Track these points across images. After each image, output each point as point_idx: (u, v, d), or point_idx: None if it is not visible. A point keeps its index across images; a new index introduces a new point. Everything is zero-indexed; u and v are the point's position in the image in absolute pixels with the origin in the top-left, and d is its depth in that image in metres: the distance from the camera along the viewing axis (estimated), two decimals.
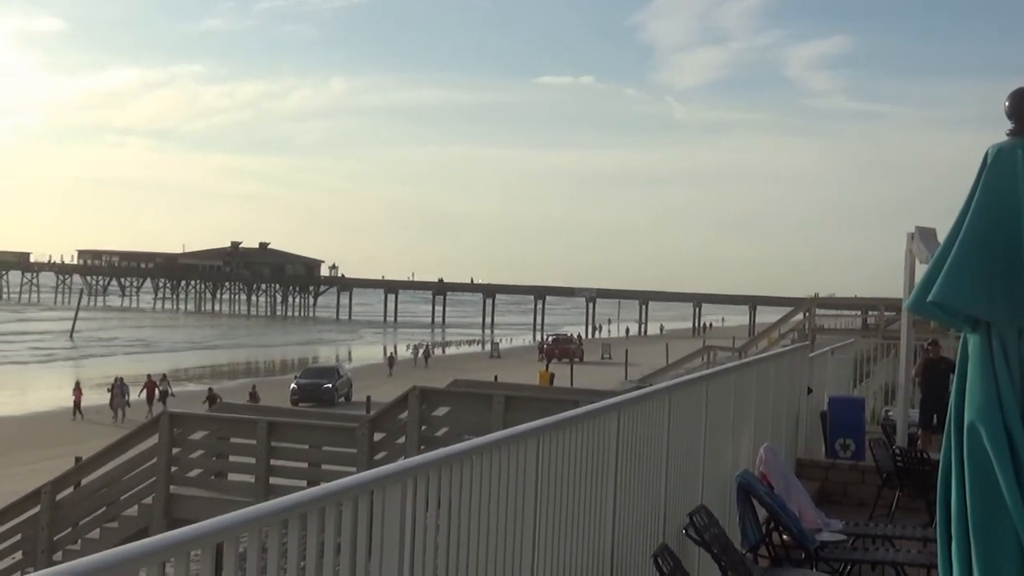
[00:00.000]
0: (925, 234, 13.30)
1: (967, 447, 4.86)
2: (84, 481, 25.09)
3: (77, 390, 57.65)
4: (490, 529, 5.04)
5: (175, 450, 24.16)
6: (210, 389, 57.48)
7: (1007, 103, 5.26)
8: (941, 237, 5.41)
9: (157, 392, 59.23)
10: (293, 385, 60.86)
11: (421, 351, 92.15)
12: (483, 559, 4.99)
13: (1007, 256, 4.86)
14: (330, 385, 60.38)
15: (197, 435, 24.85)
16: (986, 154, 5.14)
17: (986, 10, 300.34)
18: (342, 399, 59.87)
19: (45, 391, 69.27)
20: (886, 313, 54.11)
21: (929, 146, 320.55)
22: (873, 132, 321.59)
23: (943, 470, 5.06)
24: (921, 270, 13.25)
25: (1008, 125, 5.24)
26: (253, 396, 52.09)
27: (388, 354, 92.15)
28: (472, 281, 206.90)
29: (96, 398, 59.37)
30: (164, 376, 62.47)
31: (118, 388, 56.98)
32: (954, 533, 4.93)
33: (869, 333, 46.96)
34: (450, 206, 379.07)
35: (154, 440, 24.36)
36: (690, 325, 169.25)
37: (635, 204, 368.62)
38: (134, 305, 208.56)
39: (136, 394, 58.65)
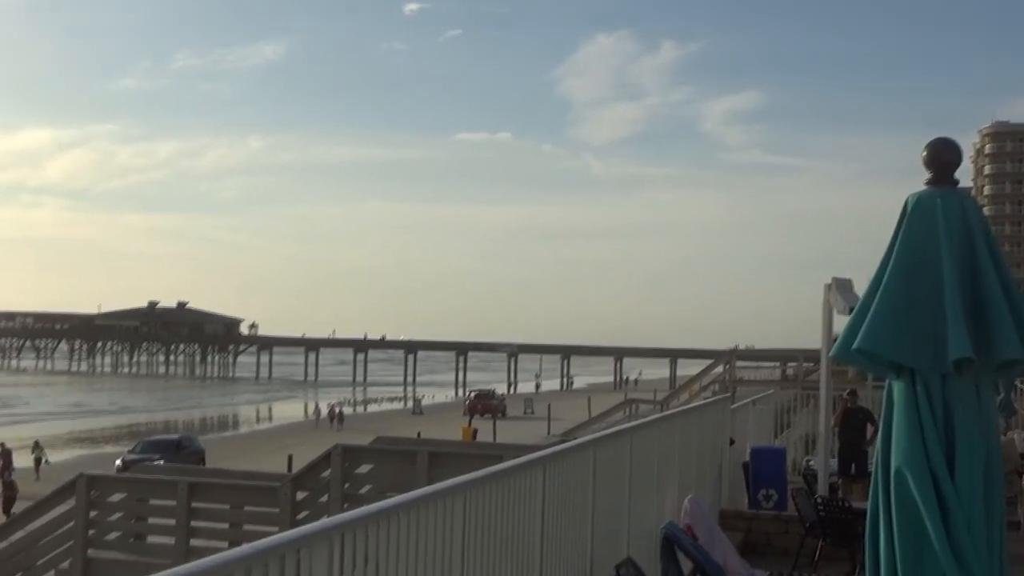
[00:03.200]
0: (842, 285, 13.44)
1: (894, 493, 4.89)
2: None
3: None
4: None
5: (92, 513, 23.70)
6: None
7: (924, 153, 5.36)
8: (858, 288, 5.48)
9: (30, 459, 54.84)
10: (118, 462, 53.25)
11: (337, 411, 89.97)
12: None
13: (929, 302, 4.92)
14: (161, 461, 49.11)
15: (115, 497, 24.39)
16: (906, 203, 5.22)
17: (898, 65, 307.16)
18: None
19: None
20: (805, 364, 54.74)
21: (844, 198, 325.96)
22: (789, 185, 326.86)
23: (871, 516, 5.08)
24: (839, 320, 13.39)
25: (926, 175, 5.34)
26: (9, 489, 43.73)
27: (338, 409, 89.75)
28: (384, 338, 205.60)
29: None
30: (37, 443, 58.32)
31: None
32: None
33: (788, 384, 47.41)
34: (369, 262, 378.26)
35: (71, 503, 23.88)
36: (611, 379, 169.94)
37: (556, 259, 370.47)
38: (49, 367, 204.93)
39: None
